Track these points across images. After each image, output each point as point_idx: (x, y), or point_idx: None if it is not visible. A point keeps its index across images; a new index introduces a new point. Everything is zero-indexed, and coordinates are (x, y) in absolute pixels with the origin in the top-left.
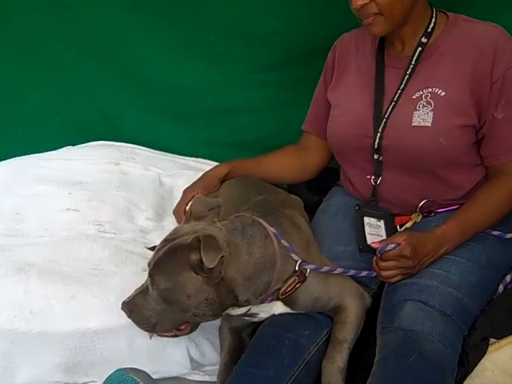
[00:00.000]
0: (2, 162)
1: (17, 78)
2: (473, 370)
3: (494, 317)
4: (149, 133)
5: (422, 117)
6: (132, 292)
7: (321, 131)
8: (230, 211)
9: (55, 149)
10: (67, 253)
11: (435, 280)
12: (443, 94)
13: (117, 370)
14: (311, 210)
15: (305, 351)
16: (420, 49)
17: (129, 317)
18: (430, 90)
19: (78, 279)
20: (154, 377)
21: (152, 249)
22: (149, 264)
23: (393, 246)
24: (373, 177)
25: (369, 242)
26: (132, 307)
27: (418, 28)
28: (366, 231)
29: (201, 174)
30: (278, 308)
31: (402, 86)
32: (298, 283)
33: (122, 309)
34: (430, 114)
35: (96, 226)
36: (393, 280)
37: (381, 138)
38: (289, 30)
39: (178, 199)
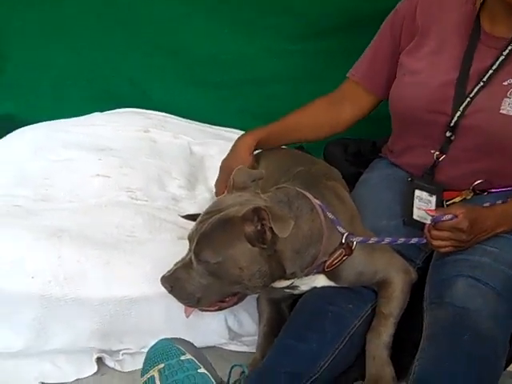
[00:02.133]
0: (30, 127)
1: (43, 44)
2: None
3: None
4: (178, 101)
5: None
6: (170, 264)
7: (375, 86)
8: (269, 183)
9: (83, 115)
10: (99, 219)
11: (487, 257)
12: None
13: (161, 340)
14: (349, 182)
15: (349, 325)
16: None
17: (170, 292)
18: None
19: (111, 245)
20: None
21: (186, 217)
22: (191, 237)
23: (450, 216)
24: (437, 152)
25: (415, 216)
26: (174, 282)
27: None
28: (415, 205)
29: (232, 143)
30: (321, 281)
31: (495, 67)
32: (344, 256)
33: (163, 284)
34: None
35: (127, 192)
36: (443, 250)
37: (460, 116)
38: (321, 0)
39: (210, 170)
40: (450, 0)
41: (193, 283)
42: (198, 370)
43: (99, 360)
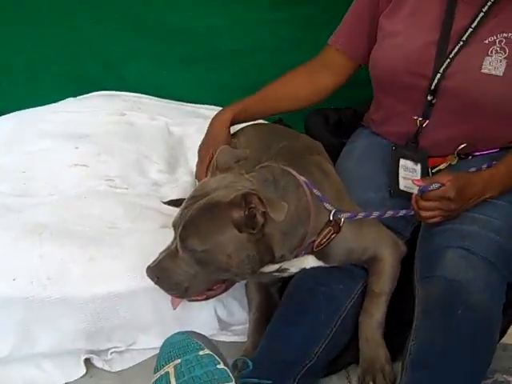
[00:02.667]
0: (1, 118)
1: (10, 28)
2: None
3: None
4: (153, 80)
5: (494, 64)
6: (155, 254)
7: (355, 52)
8: (251, 160)
9: (55, 101)
10: (80, 211)
11: (476, 225)
12: None
13: (177, 334)
14: (332, 154)
15: (341, 306)
16: None
17: (156, 283)
18: (505, 34)
19: (94, 239)
20: None
21: (169, 203)
22: (175, 224)
23: (437, 185)
24: (420, 118)
25: (401, 186)
26: (159, 272)
27: None
28: (400, 174)
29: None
30: (310, 262)
31: (474, 24)
32: (333, 234)
33: (148, 275)
34: (503, 62)
35: (107, 181)
36: (431, 221)
37: (440, 78)
38: None
39: (190, 150)
40: None
41: (179, 272)
42: (218, 366)
43: (87, 361)
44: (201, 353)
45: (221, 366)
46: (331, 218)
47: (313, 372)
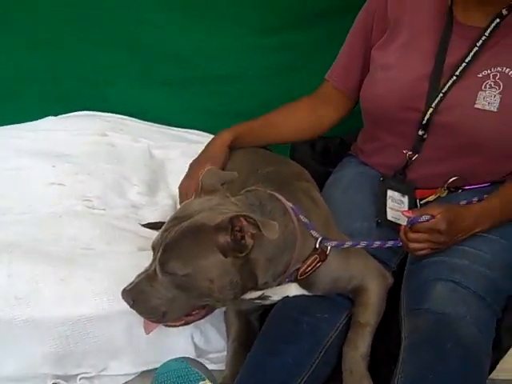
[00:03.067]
0: None
1: None
2: (505, 353)
3: None
4: (137, 102)
5: (488, 99)
6: (131, 277)
7: (350, 88)
8: (237, 184)
9: (35, 119)
10: (54, 231)
11: (466, 259)
12: None
13: (173, 361)
14: (318, 182)
15: (325, 336)
16: (498, 20)
17: (132, 307)
18: (499, 69)
19: (67, 260)
20: (155, 366)
21: (147, 226)
22: (154, 246)
23: (426, 217)
24: (410, 152)
25: (389, 216)
26: (136, 296)
27: None
28: (388, 205)
29: (194, 146)
30: (293, 290)
31: (468, 59)
32: (318, 262)
33: (124, 298)
34: (498, 97)
35: (84, 201)
36: (419, 253)
37: (433, 113)
38: None
39: (172, 174)
40: None
41: (157, 296)
42: None
43: None
44: (201, 383)
45: None
46: (317, 246)
47: None
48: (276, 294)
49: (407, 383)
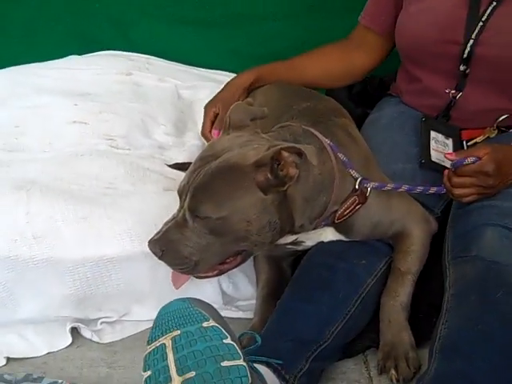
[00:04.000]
0: None
1: None
2: None
3: None
4: (164, 43)
5: None
6: (156, 218)
7: (383, 27)
8: (269, 120)
9: (58, 58)
10: (75, 170)
11: None
12: None
13: (176, 301)
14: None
15: (361, 284)
16: None
17: (161, 258)
18: None
19: (89, 199)
20: None
21: (174, 166)
22: (182, 191)
23: (473, 159)
24: (453, 91)
25: (433, 158)
26: (165, 245)
27: None
28: (432, 146)
29: (222, 86)
30: (329, 235)
31: None
32: (357, 204)
33: (152, 249)
34: None
35: (107, 140)
36: (466, 200)
37: (473, 45)
38: None
39: (200, 115)
40: None
41: (189, 244)
42: (224, 341)
43: (74, 330)
44: (205, 324)
45: (227, 340)
46: (357, 187)
47: (327, 354)
48: (310, 239)
49: (452, 335)
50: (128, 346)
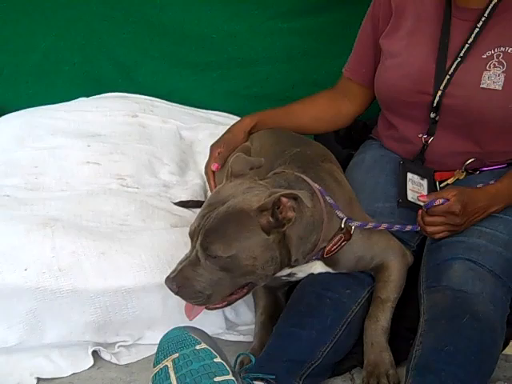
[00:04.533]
0: (13, 114)
1: (25, 26)
2: None
3: None
4: (165, 84)
5: (493, 78)
6: (166, 252)
7: (364, 78)
8: (265, 164)
9: (67, 101)
10: (91, 207)
11: (483, 239)
12: None
13: (174, 329)
14: (340, 164)
15: (347, 310)
16: (496, 0)
17: (177, 294)
18: (502, 49)
19: (106, 235)
20: None
21: (179, 204)
22: (193, 233)
23: (442, 200)
24: (425, 136)
25: (409, 197)
26: (181, 282)
27: None
28: (408, 187)
29: (221, 127)
30: (318, 267)
31: (471, 40)
32: (343, 241)
33: (169, 285)
34: (502, 76)
35: (118, 179)
36: (437, 236)
37: (442, 95)
38: None
39: (200, 155)
40: None
41: (202, 280)
42: (214, 360)
43: (95, 353)
44: (197, 347)
45: (217, 359)
46: (343, 226)
47: (318, 372)
48: (302, 271)
49: (425, 355)
50: (143, 366)
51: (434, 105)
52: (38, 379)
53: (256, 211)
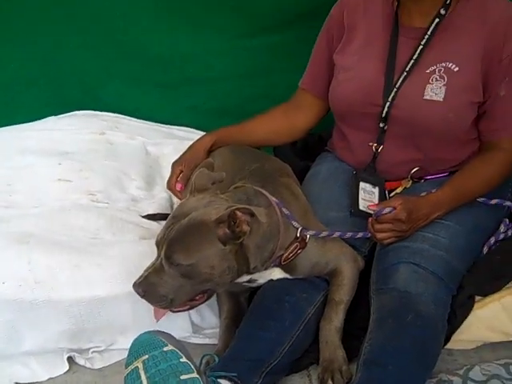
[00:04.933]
0: None
1: None
2: (460, 325)
3: (479, 276)
4: (130, 102)
5: (435, 91)
6: (136, 263)
7: (319, 90)
8: (226, 179)
9: (36, 120)
10: (64, 222)
11: (426, 243)
12: (456, 69)
13: (144, 333)
14: (298, 175)
15: (304, 313)
16: (437, 20)
17: (143, 297)
18: (443, 64)
19: (79, 248)
20: None
21: (147, 217)
22: (159, 242)
23: (389, 209)
24: (375, 144)
25: (361, 207)
26: (147, 287)
27: None
28: (360, 196)
29: (185, 142)
30: (277, 274)
31: (415, 56)
32: (299, 249)
33: (136, 290)
34: (443, 88)
35: (88, 195)
36: (386, 242)
37: (390, 107)
38: None
39: (166, 169)
40: (373, 0)
41: (165, 286)
42: (180, 360)
43: (70, 359)
44: (165, 349)
45: (183, 359)
46: (298, 235)
47: (277, 370)
48: (262, 277)
49: (374, 351)
50: (116, 370)
51: (383, 115)
52: None
53: (214, 223)
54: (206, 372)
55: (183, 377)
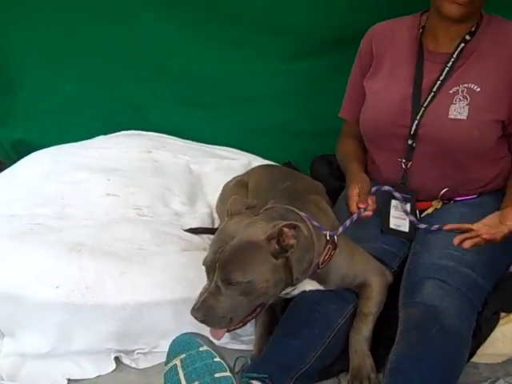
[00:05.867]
0: (40, 152)
1: (51, 72)
2: (485, 340)
3: (505, 293)
4: (174, 122)
5: (458, 110)
6: (177, 272)
7: (357, 118)
8: (260, 196)
9: (87, 138)
10: (112, 234)
11: (452, 261)
12: (479, 89)
13: (182, 334)
14: (333, 195)
15: (334, 323)
16: (463, 45)
17: (203, 321)
18: (466, 85)
19: (125, 258)
20: None
21: (189, 231)
22: (208, 266)
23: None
24: (404, 160)
25: (392, 225)
26: (206, 311)
27: (469, 26)
28: (391, 214)
29: (225, 161)
30: (310, 285)
31: (442, 77)
32: (332, 250)
33: (194, 315)
34: (466, 108)
35: (135, 209)
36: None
37: (417, 126)
38: (310, 21)
39: (207, 187)
40: (399, 28)
41: (224, 307)
42: (214, 359)
43: (117, 358)
44: (201, 349)
45: (217, 359)
46: (328, 238)
47: (307, 375)
48: (297, 289)
49: (398, 359)
50: (158, 370)
51: (412, 133)
52: (69, 380)
53: (265, 240)
54: (239, 373)
55: (217, 375)
